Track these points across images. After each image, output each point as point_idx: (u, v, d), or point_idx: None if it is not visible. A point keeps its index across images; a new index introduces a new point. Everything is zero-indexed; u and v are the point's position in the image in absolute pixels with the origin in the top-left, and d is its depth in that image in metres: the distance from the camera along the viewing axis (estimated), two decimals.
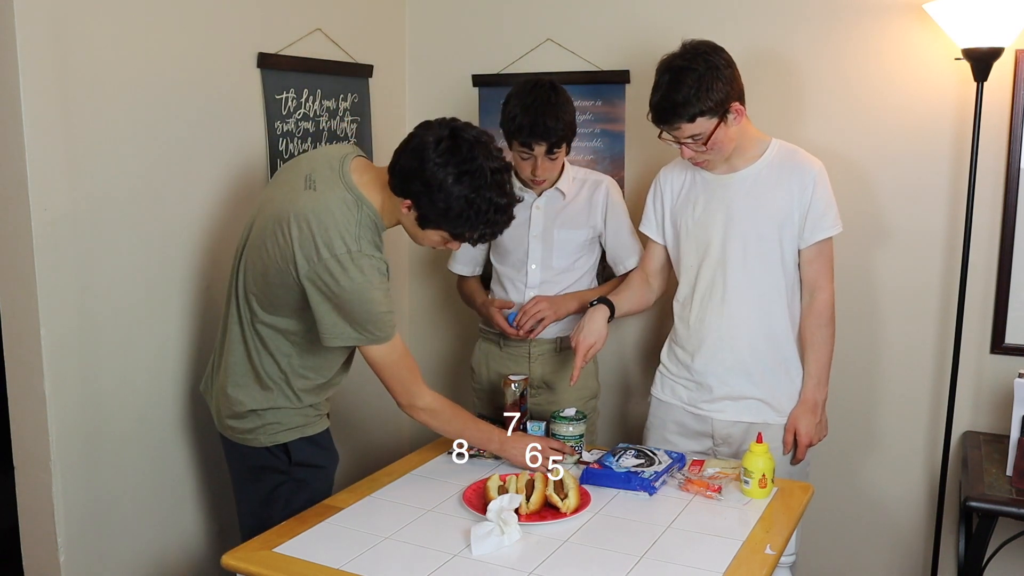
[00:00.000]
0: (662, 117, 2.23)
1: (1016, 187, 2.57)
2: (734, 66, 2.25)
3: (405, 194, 1.96)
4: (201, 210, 2.46)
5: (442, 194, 1.92)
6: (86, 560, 2.24)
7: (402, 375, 2.10)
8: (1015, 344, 2.63)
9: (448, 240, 2.05)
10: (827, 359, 2.37)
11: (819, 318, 2.35)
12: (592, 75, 3.02)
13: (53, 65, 2.05)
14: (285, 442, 2.15)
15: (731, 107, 2.21)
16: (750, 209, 2.32)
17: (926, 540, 2.82)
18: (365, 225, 1.98)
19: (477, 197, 1.93)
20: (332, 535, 1.91)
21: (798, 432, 2.35)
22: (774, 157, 2.33)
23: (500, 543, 1.83)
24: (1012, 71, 2.52)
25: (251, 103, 2.61)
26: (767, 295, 2.34)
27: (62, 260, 2.11)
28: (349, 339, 2.00)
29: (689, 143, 2.24)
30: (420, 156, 1.92)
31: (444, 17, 3.25)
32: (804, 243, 2.32)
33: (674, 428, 2.49)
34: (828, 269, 2.36)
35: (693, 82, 2.16)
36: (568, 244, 2.63)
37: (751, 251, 2.32)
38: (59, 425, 2.14)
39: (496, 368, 2.73)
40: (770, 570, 1.78)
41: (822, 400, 2.38)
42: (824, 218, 2.30)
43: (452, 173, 1.91)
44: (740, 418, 2.39)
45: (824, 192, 2.30)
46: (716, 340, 2.37)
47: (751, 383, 2.37)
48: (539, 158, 2.47)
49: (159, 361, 2.40)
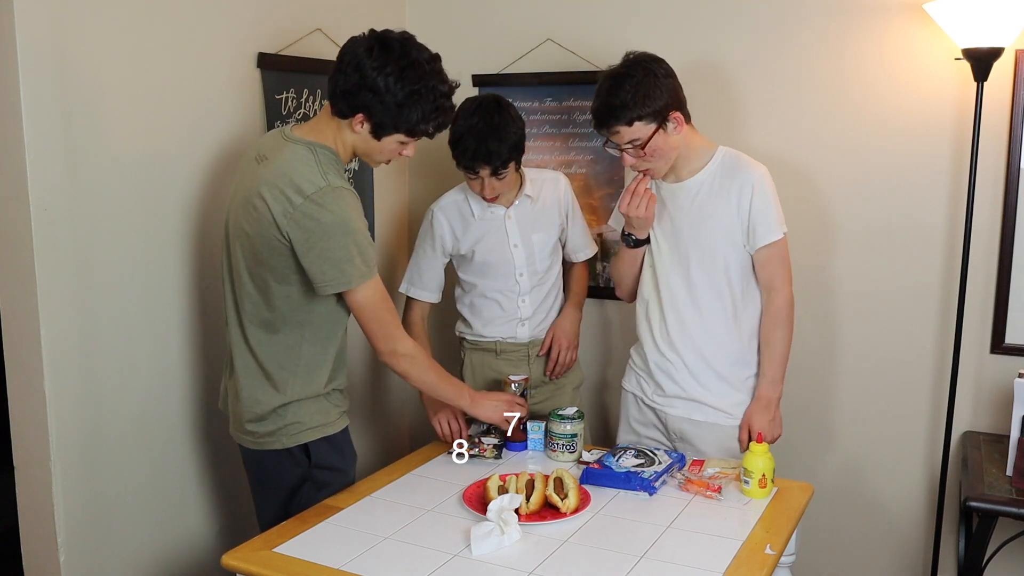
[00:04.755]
0: (601, 121, 2.29)
1: (1016, 187, 2.57)
2: (674, 76, 2.30)
3: (354, 109, 2.03)
4: (201, 210, 2.46)
5: (390, 95, 1.99)
6: (86, 560, 2.24)
7: (384, 318, 2.11)
8: (1015, 344, 2.63)
9: (404, 143, 2.10)
10: (782, 358, 2.38)
11: (774, 319, 2.37)
12: (592, 75, 2.99)
13: (53, 65, 2.05)
14: (306, 442, 2.16)
15: (670, 115, 2.25)
16: (694, 220, 2.35)
17: (926, 540, 2.82)
18: (326, 162, 2.05)
19: (423, 87, 2.01)
20: (332, 535, 1.91)
21: (752, 428, 2.37)
22: (717, 167, 2.35)
23: (500, 543, 1.83)
24: (1012, 71, 2.52)
25: (251, 103, 2.61)
26: (710, 303, 2.37)
27: (62, 260, 2.11)
28: (339, 283, 2.03)
29: (629, 149, 2.28)
30: (358, 68, 2.00)
31: (444, 17, 3.25)
32: (752, 248, 2.34)
33: (637, 418, 2.54)
34: (782, 270, 2.37)
35: (631, 87, 2.22)
36: (546, 246, 2.67)
37: (693, 260, 2.36)
38: (59, 425, 2.14)
39: (491, 375, 2.74)
40: (770, 570, 1.78)
41: (776, 398, 2.39)
42: (763, 224, 2.31)
43: (393, 72, 1.98)
44: (690, 416, 2.41)
45: (763, 197, 2.31)
46: (664, 343, 2.42)
47: (698, 385, 2.40)
48: (485, 179, 2.48)
49: (159, 361, 2.40)
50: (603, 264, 3.09)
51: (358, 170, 3.04)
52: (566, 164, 3.11)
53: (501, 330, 2.69)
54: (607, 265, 3.09)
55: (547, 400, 2.72)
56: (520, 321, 2.67)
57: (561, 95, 3.08)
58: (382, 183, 3.20)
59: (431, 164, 3.33)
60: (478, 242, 2.62)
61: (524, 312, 2.66)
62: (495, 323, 2.69)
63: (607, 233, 3.07)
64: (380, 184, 3.18)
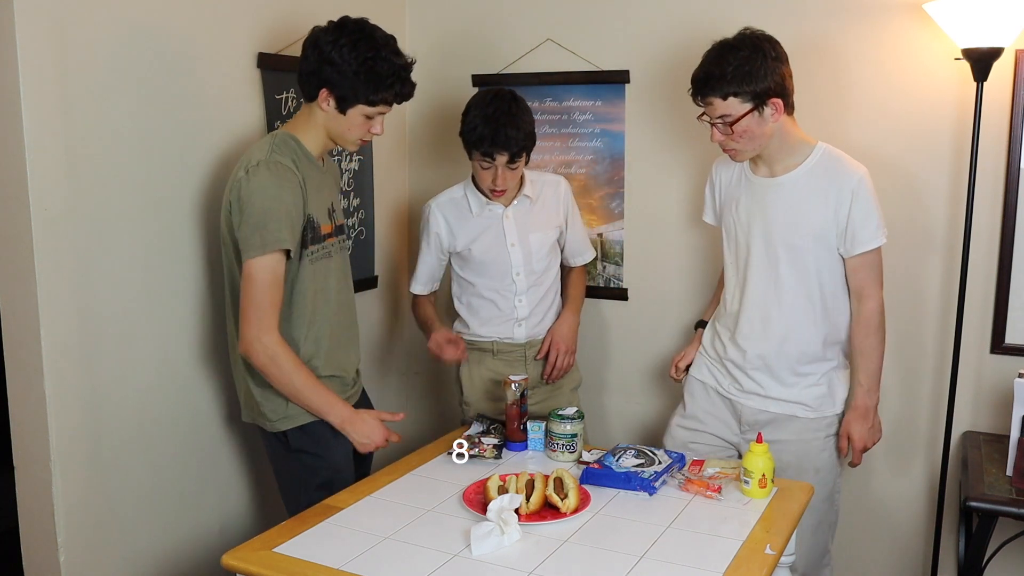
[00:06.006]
0: (697, 88, 2.24)
1: (1016, 187, 2.57)
2: (785, 61, 2.24)
3: (317, 86, 2.12)
4: (201, 210, 2.46)
5: (346, 64, 2.08)
6: (86, 560, 2.24)
7: (262, 302, 2.08)
8: (1015, 344, 2.63)
9: (370, 117, 2.16)
10: (877, 366, 2.36)
11: (867, 326, 2.34)
12: (592, 75, 3.02)
13: (53, 65, 2.05)
14: (284, 430, 2.22)
15: (769, 100, 2.20)
16: (786, 219, 2.30)
17: (926, 540, 2.82)
18: (279, 144, 2.15)
19: (377, 56, 2.10)
20: (332, 535, 1.91)
21: (852, 438, 2.37)
22: (815, 165, 2.29)
23: (500, 543, 1.83)
24: (1012, 71, 2.52)
25: (251, 103, 2.61)
26: (796, 303, 2.34)
27: (62, 260, 2.11)
28: (249, 247, 2.06)
29: (718, 124, 2.24)
30: (316, 46, 2.12)
31: (444, 17, 3.25)
32: (847, 253, 2.30)
33: (705, 408, 2.52)
34: (875, 277, 2.33)
35: (736, 61, 2.18)
36: (543, 246, 2.67)
37: (782, 260, 2.32)
38: (59, 425, 2.14)
39: (487, 375, 2.75)
40: (770, 570, 1.78)
41: (873, 405, 2.38)
42: (863, 231, 2.26)
43: (347, 44, 2.09)
44: (767, 408, 2.41)
45: (863, 204, 2.25)
46: (746, 341, 2.40)
47: (777, 383, 2.39)
48: (500, 168, 2.49)
49: (159, 361, 2.40)
50: (603, 264, 3.09)
51: (359, 170, 3.04)
52: (566, 164, 3.11)
53: (498, 330, 2.69)
54: (607, 265, 3.09)
55: (545, 400, 2.73)
56: (517, 321, 2.68)
57: (561, 95, 3.08)
58: (382, 180, 3.20)
59: (431, 161, 3.33)
60: (475, 240, 2.63)
61: (521, 312, 2.67)
62: (492, 323, 2.69)
63: (607, 233, 3.07)
64: (380, 181, 3.18)
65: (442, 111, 3.26)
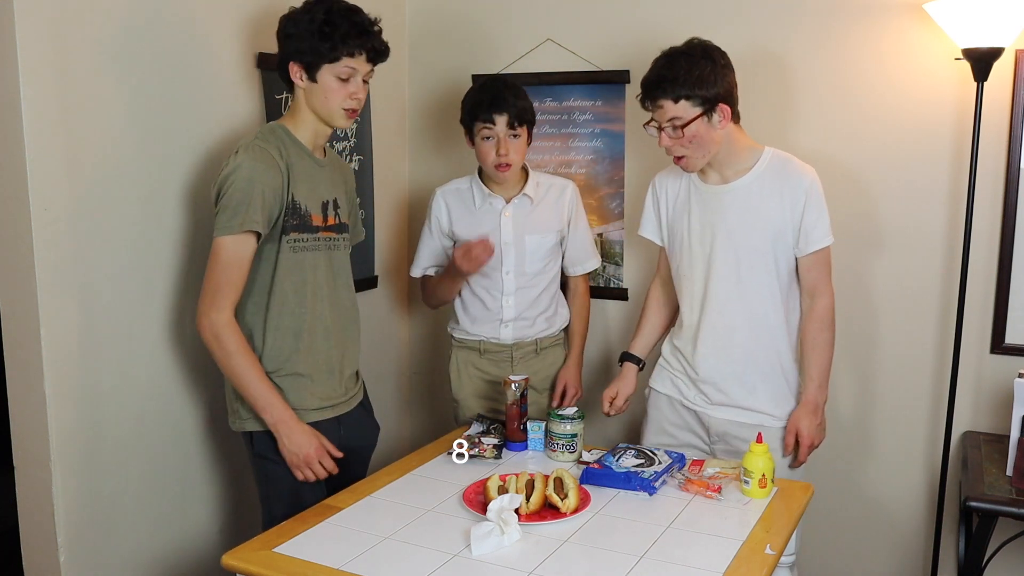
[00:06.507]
0: (648, 91, 2.26)
1: (1016, 187, 2.57)
2: (731, 69, 2.27)
3: (286, 60, 2.15)
4: (201, 210, 2.46)
5: (302, 29, 2.10)
6: (86, 560, 2.24)
7: (220, 279, 2.08)
8: (1015, 344, 2.63)
9: (343, 80, 2.13)
10: (827, 362, 2.37)
11: (820, 322, 2.36)
12: (592, 75, 3.02)
13: (53, 65, 2.05)
14: (249, 431, 2.21)
15: (718, 106, 2.23)
16: (743, 222, 2.33)
17: (926, 540, 2.82)
18: (264, 133, 2.17)
19: (330, 13, 2.10)
20: (332, 535, 1.91)
21: (799, 434, 2.35)
22: (765, 168, 2.32)
23: (500, 543, 1.83)
24: (1012, 71, 2.52)
25: (251, 103, 2.61)
26: (762, 306, 2.35)
27: (62, 260, 2.11)
28: (218, 225, 2.08)
29: (667, 128, 2.25)
30: (281, 30, 2.16)
31: (444, 17, 3.25)
32: (800, 252, 2.33)
33: (672, 420, 2.51)
34: (826, 275, 2.37)
35: (686, 64, 2.21)
36: (539, 249, 2.67)
37: (744, 263, 2.34)
38: (59, 425, 2.14)
39: (475, 374, 2.75)
40: (770, 570, 1.78)
41: (823, 402, 2.38)
42: (815, 230, 2.30)
43: (304, 10, 2.13)
44: (736, 419, 2.40)
45: (816, 204, 2.30)
46: (712, 350, 2.39)
47: (746, 391, 2.38)
48: (502, 137, 2.51)
49: (159, 361, 2.40)
50: (603, 264, 3.09)
51: (359, 170, 3.04)
52: (566, 164, 3.11)
53: (485, 329, 2.70)
54: (607, 265, 3.09)
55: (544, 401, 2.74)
56: (503, 322, 2.68)
57: (561, 95, 3.08)
58: (383, 180, 3.20)
59: (432, 162, 3.33)
60: (471, 232, 2.64)
61: (507, 313, 2.67)
62: (480, 321, 2.71)
63: (607, 233, 3.07)
64: (380, 181, 3.18)
65: (442, 112, 3.26)
